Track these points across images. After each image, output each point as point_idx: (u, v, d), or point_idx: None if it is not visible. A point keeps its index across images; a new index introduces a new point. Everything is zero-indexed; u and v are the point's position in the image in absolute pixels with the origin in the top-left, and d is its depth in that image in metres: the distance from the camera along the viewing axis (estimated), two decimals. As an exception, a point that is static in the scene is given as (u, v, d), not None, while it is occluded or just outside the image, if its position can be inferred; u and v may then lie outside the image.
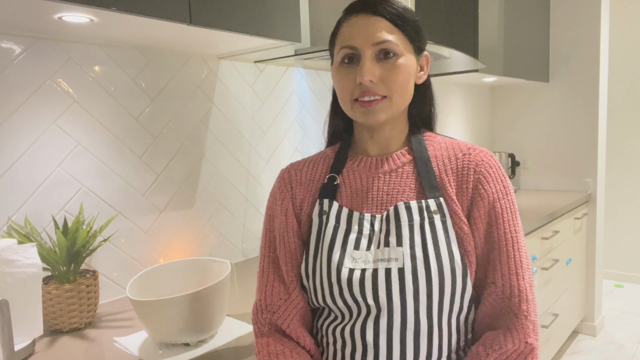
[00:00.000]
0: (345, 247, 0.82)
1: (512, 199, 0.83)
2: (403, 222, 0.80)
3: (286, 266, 0.88)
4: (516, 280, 0.78)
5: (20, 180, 1.20)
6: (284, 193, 0.91)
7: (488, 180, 0.82)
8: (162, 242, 1.51)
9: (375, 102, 0.80)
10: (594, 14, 2.84)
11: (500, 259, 0.79)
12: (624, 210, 3.89)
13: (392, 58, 0.80)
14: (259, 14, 1.29)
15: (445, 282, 0.77)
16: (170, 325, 1.00)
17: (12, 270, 0.98)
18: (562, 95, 3.02)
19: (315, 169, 0.93)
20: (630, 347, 2.83)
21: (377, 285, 0.78)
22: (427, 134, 0.91)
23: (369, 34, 0.80)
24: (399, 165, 0.87)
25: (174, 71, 1.51)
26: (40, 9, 0.97)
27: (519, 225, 0.82)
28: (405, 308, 0.77)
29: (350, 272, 0.80)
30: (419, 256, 0.78)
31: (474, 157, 0.84)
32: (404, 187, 0.85)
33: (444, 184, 0.83)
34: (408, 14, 0.83)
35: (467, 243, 0.80)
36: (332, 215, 0.85)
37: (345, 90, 0.83)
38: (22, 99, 1.20)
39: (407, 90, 0.84)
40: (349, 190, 0.88)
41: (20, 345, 1.01)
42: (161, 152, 1.49)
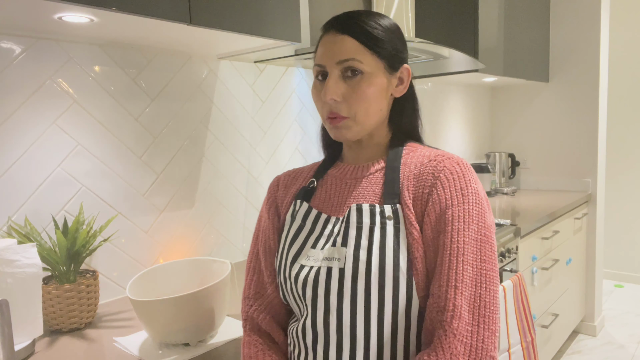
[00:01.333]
0: (304, 245, 0.85)
1: (470, 208, 0.77)
2: (352, 223, 0.81)
3: (265, 262, 0.93)
4: (453, 293, 0.72)
5: (20, 180, 1.20)
6: (270, 194, 0.98)
7: (444, 186, 0.79)
8: (162, 242, 1.51)
9: (339, 119, 0.83)
10: (594, 14, 2.84)
11: (441, 269, 0.74)
12: (624, 210, 3.89)
13: (357, 76, 0.81)
14: (259, 14, 1.29)
15: (385, 288, 0.75)
16: (170, 325, 1.00)
17: (12, 270, 0.98)
18: (562, 95, 3.02)
19: (302, 175, 0.98)
20: (630, 347, 2.83)
21: (317, 283, 0.79)
22: (409, 145, 0.90)
23: (334, 53, 0.81)
24: (372, 172, 0.88)
25: (174, 71, 1.51)
26: (40, 9, 0.97)
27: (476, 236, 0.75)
28: (342, 309, 0.77)
29: (299, 269, 0.83)
30: (362, 259, 0.77)
31: (437, 163, 0.82)
32: (369, 192, 0.86)
33: (403, 189, 0.82)
34: (380, 33, 0.82)
35: (416, 249, 0.77)
36: (299, 215, 0.89)
37: (318, 105, 0.87)
38: (22, 99, 1.20)
39: (373, 108, 0.84)
40: (324, 194, 0.91)
41: (20, 345, 1.01)
42: (161, 152, 1.49)
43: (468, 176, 0.80)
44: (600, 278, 3.06)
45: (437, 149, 0.88)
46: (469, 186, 0.79)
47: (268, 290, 0.91)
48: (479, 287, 0.73)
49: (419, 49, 1.75)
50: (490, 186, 2.97)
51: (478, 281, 0.74)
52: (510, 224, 2.07)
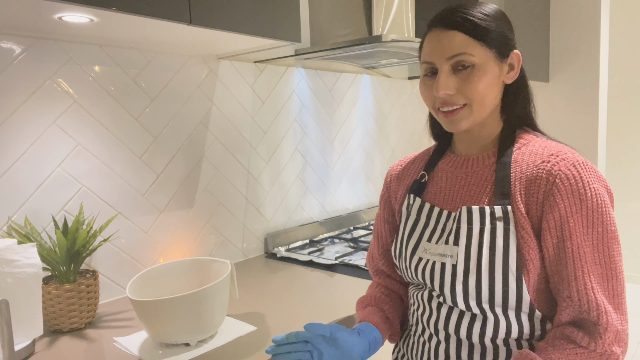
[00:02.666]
0: (421, 238, 0.92)
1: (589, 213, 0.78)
2: (462, 224, 0.85)
3: (377, 243, 1.08)
4: (592, 294, 0.77)
5: (20, 180, 1.20)
6: (386, 186, 1.08)
7: (561, 193, 0.78)
8: (162, 242, 1.51)
9: (455, 111, 0.84)
10: (594, 14, 2.84)
11: (575, 275, 0.78)
12: (624, 210, 3.89)
13: (468, 69, 0.82)
14: (259, 14, 1.29)
15: (495, 286, 0.80)
16: (170, 325, 1.00)
17: (12, 270, 0.98)
18: (562, 95, 3.02)
19: (413, 165, 1.04)
20: (631, 347, 2.83)
21: (434, 275, 0.87)
22: (523, 135, 0.90)
23: (443, 49, 0.83)
24: (481, 167, 0.90)
25: (174, 71, 1.51)
26: (40, 9, 0.97)
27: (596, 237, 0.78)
28: (456, 298, 0.84)
29: (419, 261, 0.91)
30: (472, 258, 0.82)
31: (551, 166, 0.80)
32: (480, 189, 0.88)
33: (515, 192, 0.83)
34: (486, 23, 0.83)
35: (527, 252, 0.80)
36: (414, 209, 0.96)
37: (428, 100, 0.89)
38: (22, 99, 1.20)
39: (489, 97, 0.85)
40: (435, 187, 0.96)
41: (20, 345, 1.01)
42: (161, 152, 1.49)
43: (586, 178, 0.79)
44: (600, 278, 3.06)
45: (552, 142, 0.88)
46: (588, 190, 0.78)
47: (379, 264, 1.07)
48: (611, 280, 0.78)
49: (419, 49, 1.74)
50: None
51: (609, 275, 0.78)
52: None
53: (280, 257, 1.75)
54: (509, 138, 0.90)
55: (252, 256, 1.79)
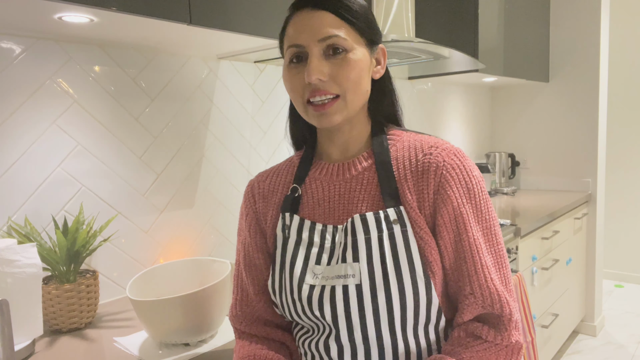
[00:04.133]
0: (307, 262, 0.79)
1: (478, 201, 0.76)
2: (359, 235, 0.75)
3: (252, 280, 0.87)
4: (494, 287, 0.74)
5: (20, 180, 1.20)
6: (248, 208, 0.90)
7: (450, 184, 0.75)
8: (162, 242, 1.51)
9: (328, 104, 0.76)
10: (594, 14, 2.84)
11: (475, 269, 0.74)
12: (624, 210, 3.89)
13: (342, 53, 0.75)
14: (259, 14, 1.29)
15: (406, 296, 0.73)
16: (170, 325, 1.00)
17: (12, 270, 0.98)
18: (562, 95, 3.02)
19: (279, 179, 0.90)
20: (630, 347, 2.83)
21: (335, 303, 0.74)
22: (392, 132, 0.85)
23: (314, 30, 0.74)
24: (360, 170, 0.82)
25: (174, 71, 1.51)
26: (40, 9, 0.97)
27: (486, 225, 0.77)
28: (366, 325, 0.74)
29: (310, 289, 0.77)
30: (377, 272, 0.73)
31: (434, 157, 0.77)
32: (364, 195, 0.80)
33: (404, 191, 0.77)
34: (357, 6, 0.77)
35: (429, 253, 0.75)
36: (293, 229, 0.82)
37: (296, 91, 0.78)
38: (22, 99, 1.20)
39: (361, 87, 0.78)
40: (312, 200, 0.84)
41: (20, 345, 1.01)
42: (161, 152, 1.49)
43: (468, 166, 0.78)
44: (600, 278, 3.06)
45: (422, 135, 0.84)
46: (472, 177, 0.77)
47: (256, 307, 0.87)
48: (502, 269, 0.77)
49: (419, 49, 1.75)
50: (491, 186, 2.97)
51: (499, 264, 0.77)
52: (510, 224, 2.07)
53: (280, 257, 1.74)
54: (381, 136, 0.83)
55: (252, 256, 1.79)
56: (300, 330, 0.85)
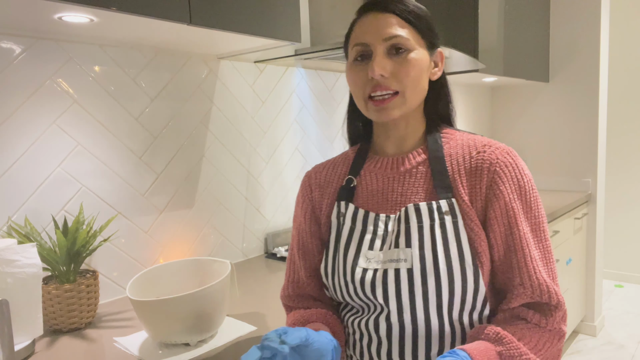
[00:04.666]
0: (360, 248, 0.84)
1: (528, 197, 0.81)
2: (412, 223, 0.81)
3: (304, 263, 0.94)
4: (542, 278, 0.78)
5: (20, 180, 1.20)
6: (305, 197, 0.96)
7: (503, 180, 0.80)
8: (162, 242, 1.51)
9: (388, 99, 0.81)
10: (594, 14, 2.84)
11: (525, 261, 0.79)
12: (624, 210, 3.89)
13: (404, 53, 0.81)
14: (259, 14, 1.29)
15: (455, 283, 0.77)
16: (170, 325, 1.00)
17: (12, 270, 0.98)
18: (562, 95, 3.02)
19: (334, 171, 0.95)
20: (630, 347, 2.83)
21: (387, 286, 0.79)
22: (445, 130, 0.91)
23: (379, 30, 0.81)
24: (414, 165, 0.87)
25: (174, 71, 1.51)
26: (40, 9, 0.97)
27: (536, 221, 0.81)
28: (415, 308, 0.78)
29: (363, 272, 0.82)
30: (428, 257, 0.78)
31: (488, 155, 0.82)
32: (417, 187, 0.85)
33: (457, 185, 0.82)
34: (419, 11, 0.84)
35: (478, 244, 0.79)
36: (348, 217, 0.88)
37: (358, 86, 0.84)
38: (22, 99, 1.20)
39: (420, 85, 0.84)
40: (366, 191, 0.89)
41: (20, 345, 1.01)
42: (161, 152, 1.49)
43: (520, 164, 0.82)
44: (600, 278, 3.06)
45: (475, 135, 0.88)
46: (524, 175, 0.82)
47: (307, 289, 0.94)
48: (550, 263, 0.81)
49: (419, 49, 1.74)
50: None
51: (546, 259, 0.81)
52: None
53: (280, 257, 1.75)
54: (435, 134, 0.89)
55: (252, 256, 1.79)
56: (349, 311, 0.89)
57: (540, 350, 0.77)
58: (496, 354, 0.74)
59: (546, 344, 0.78)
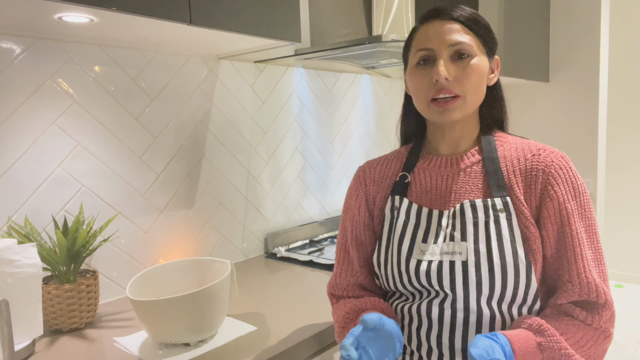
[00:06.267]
0: (414, 240, 0.88)
1: (583, 200, 0.84)
2: (468, 219, 0.84)
3: (357, 253, 0.97)
4: (592, 277, 0.80)
5: (20, 180, 1.20)
6: (359, 190, 1.00)
7: (558, 182, 0.83)
8: (162, 242, 1.51)
9: (450, 102, 0.84)
10: (594, 14, 2.84)
11: (575, 259, 0.81)
12: (624, 210, 3.89)
13: (466, 59, 0.84)
14: (259, 14, 1.29)
15: (508, 277, 0.80)
16: (170, 325, 1.00)
17: (12, 270, 0.98)
18: (562, 95, 3.02)
19: (388, 167, 0.99)
20: (630, 347, 2.83)
21: (442, 276, 0.83)
22: (498, 134, 0.94)
23: (444, 37, 0.84)
24: (468, 164, 0.90)
25: (174, 71, 1.51)
26: (40, 9, 0.97)
27: (589, 223, 0.84)
28: (468, 297, 0.81)
29: (418, 263, 0.86)
30: (482, 251, 0.81)
31: (543, 158, 0.85)
32: (472, 186, 0.88)
33: (512, 184, 0.85)
34: (480, 19, 0.88)
35: (533, 242, 0.82)
36: (402, 210, 0.91)
37: (421, 89, 0.87)
38: (22, 99, 1.20)
39: (480, 90, 0.87)
40: (419, 187, 0.93)
41: (20, 345, 1.01)
42: (161, 152, 1.49)
43: (573, 169, 0.86)
44: (600, 278, 3.06)
45: (528, 139, 0.92)
46: (577, 179, 0.85)
47: (359, 277, 0.97)
48: (601, 265, 0.83)
49: (419, 49, 1.74)
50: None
51: (598, 260, 0.83)
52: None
53: (280, 257, 1.75)
54: (489, 136, 0.92)
55: (252, 256, 1.79)
56: (398, 298, 0.93)
57: (582, 347, 0.78)
58: (536, 344, 0.76)
59: (589, 341, 0.79)
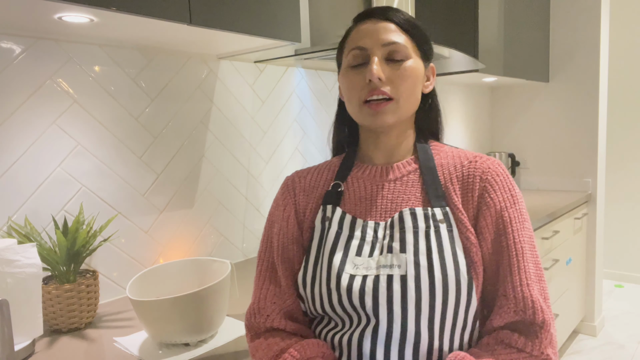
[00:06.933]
0: (347, 253, 0.80)
1: (521, 208, 0.80)
2: (407, 228, 0.78)
3: (284, 272, 0.86)
4: (528, 291, 0.74)
5: (20, 180, 1.20)
6: (287, 199, 0.91)
7: (495, 189, 0.80)
8: (162, 242, 1.51)
9: (383, 104, 0.80)
10: (594, 14, 2.84)
11: (510, 270, 0.76)
12: (624, 210, 3.89)
13: (401, 61, 0.82)
14: (259, 14, 1.29)
15: (449, 292, 0.74)
16: (170, 325, 1.00)
17: (12, 270, 0.98)
18: (562, 95, 3.02)
19: (320, 176, 0.92)
20: (630, 347, 2.83)
21: (378, 293, 0.75)
22: (433, 143, 0.91)
23: (378, 36, 0.82)
24: (404, 173, 0.86)
25: (174, 71, 1.51)
26: (40, 9, 0.97)
27: (528, 234, 0.79)
28: (406, 317, 0.74)
29: (350, 279, 0.77)
30: (422, 264, 0.75)
31: (480, 164, 0.82)
32: (409, 195, 0.83)
33: (450, 193, 0.81)
34: (416, 22, 0.85)
35: (474, 254, 0.77)
36: (334, 221, 0.84)
37: (354, 90, 0.83)
38: (22, 99, 1.20)
39: (414, 95, 0.84)
40: (353, 197, 0.87)
41: (20, 345, 1.01)
42: (161, 152, 1.49)
43: (510, 177, 0.83)
44: (600, 278, 3.06)
45: (461, 149, 0.90)
46: (515, 187, 0.82)
47: (287, 300, 0.84)
48: (541, 281, 0.77)
49: (419, 49, 1.74)
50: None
51: (538, 275, 0.77)
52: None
53: (280, 257, 1.74)
54: (424, 145, 0.89)
55: (252, 256, 1.79)
56: (326, 325, 0.83)
57: None
58: None
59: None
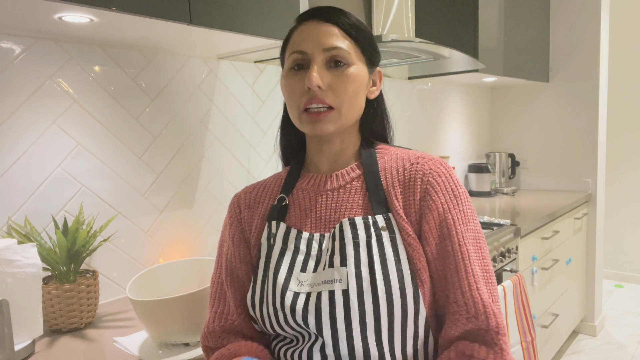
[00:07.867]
0: (292, 270, 0.78)
1: (464, 209, 0.76)
2: (347, 239, 0.75)
3: (234, 293, 0.84)
4: (479, 296, 0.71)
5: (20, 180, 1.20)
6: (232, 218, 0.88)
7: (437, 190, 0.76)
8: (162, 242, 1.51)
9: (324, 113, 0.76)
10: (594, 14, 2.84)
11: (458, 275, 0.72)
12: (624, 210, 3.89)
13: (343, 67, 0.77)
14: (259, 14, 1.29)
15: (394, 303, 0.71)
16: (170, 325, 1.00)
17: (12, 270, 0.98)
18: (562, 95, 3.02)
19: (265, 191, 0.89)
20: (630, 347, 2.83)
21: (321, 310, 0.72)
22: (380, 146, 0.87)
23: (320, 40, 0.77)
24: (348, 180, 0.83)
25: (174, 71, 1.51)
26: (40, 9, 0.97)
27: (473, 235, 0.76)
28: (352, 334, 0.71)
29: (295, 297, 0.75)
30: (364, 276, 0.72)
31: (421, 166, 0.79)
32: (352, 203, 0.80)
33: (391, 198, 0.78)
34: (362, 25, 0.81)
35: (417, 260, 0.74)
36: (279, 237, 0.81)
37: (293, 97, 0.79)
38: (22, 99, 1.20)
39: (357, 102, 0.80)
40: (299, 210, 0.84)
41: (20, 345, 1.01)
42: (161, 152, 1.49)
43: (453, 176, 0.79)
44: (600, 278, 3.06)
45: (409, 149, 0.86)
46: (458, 186, 0.78)
47: (236, 321, 0.82)
48: (490, 283, 0.74)
49: (418, 48, 1.75)
50: (490, 186, 2.97)
51: (486, 277, 0.74)
52: (510, 224, 2.07)
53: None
54: (369, 150, 0.85)
55: (252, 256, 1.79)
56: (281, 340, 0.82)
57: None
58: None
59: None
